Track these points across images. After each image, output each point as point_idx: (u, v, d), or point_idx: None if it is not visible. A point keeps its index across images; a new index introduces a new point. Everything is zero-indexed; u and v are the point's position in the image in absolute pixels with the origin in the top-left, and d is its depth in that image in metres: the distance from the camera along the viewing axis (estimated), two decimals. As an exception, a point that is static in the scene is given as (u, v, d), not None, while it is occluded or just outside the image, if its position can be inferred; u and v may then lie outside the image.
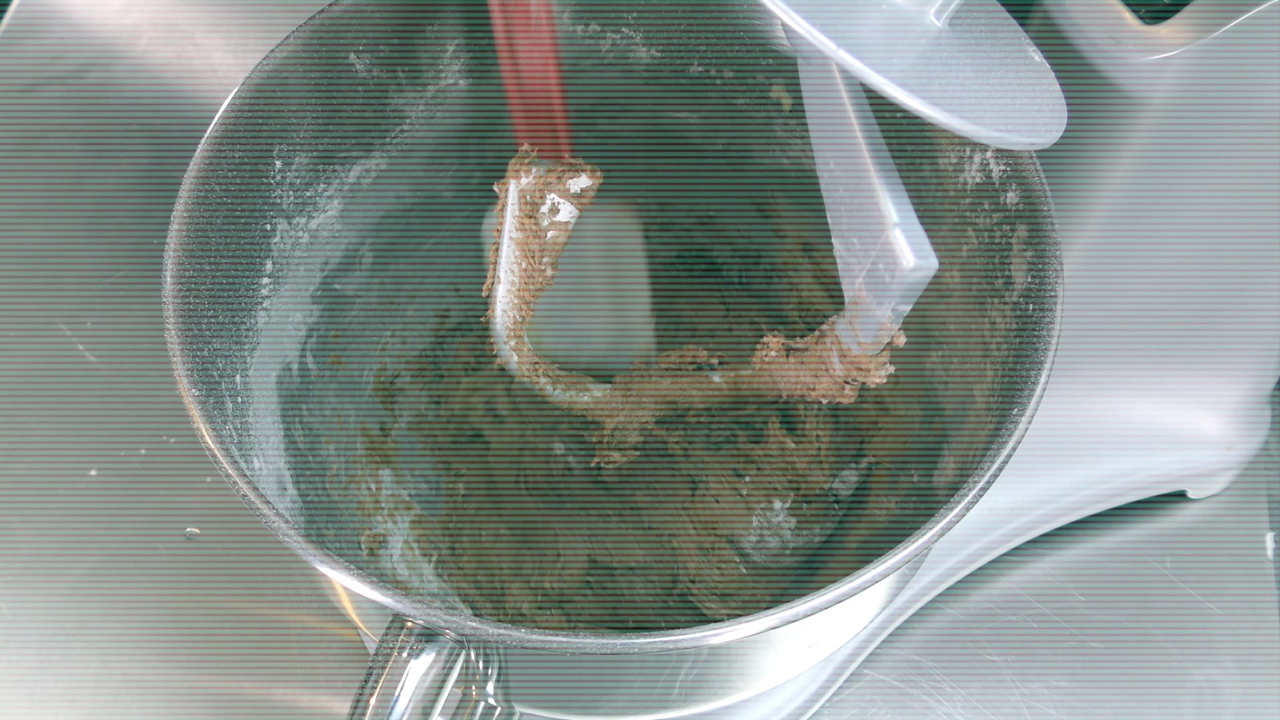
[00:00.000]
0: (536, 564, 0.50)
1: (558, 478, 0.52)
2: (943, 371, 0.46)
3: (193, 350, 0.38)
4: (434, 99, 0.49)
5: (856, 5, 0.33)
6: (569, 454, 0.53)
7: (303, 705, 0.51)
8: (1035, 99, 0.35)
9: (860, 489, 0.51)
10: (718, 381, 0.49)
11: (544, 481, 0.52)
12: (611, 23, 0.49)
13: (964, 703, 0.52)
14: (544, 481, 0.52)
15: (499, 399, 0.53)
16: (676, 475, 0.51)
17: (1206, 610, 0.54)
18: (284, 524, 0.34)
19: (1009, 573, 0.55)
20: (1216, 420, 0.56)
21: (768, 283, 0.55)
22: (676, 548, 0.50)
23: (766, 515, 0.50)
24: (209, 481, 0.57)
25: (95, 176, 0.67)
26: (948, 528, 0.34)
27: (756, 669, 0.38)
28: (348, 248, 0.49)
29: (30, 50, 0.72)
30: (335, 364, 0.50)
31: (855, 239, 0.38)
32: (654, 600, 0.49)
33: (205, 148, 0.41)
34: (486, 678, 0.36)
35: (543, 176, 0.45)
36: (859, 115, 0.37)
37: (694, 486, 0.51)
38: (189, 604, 0.54)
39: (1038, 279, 0.39)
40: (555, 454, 0.53)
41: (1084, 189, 0.45)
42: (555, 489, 0.52)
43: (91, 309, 0.62)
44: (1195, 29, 0.40)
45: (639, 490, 0.51)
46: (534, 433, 0.53)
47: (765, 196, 0.53)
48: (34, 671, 0.52)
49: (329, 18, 0.44)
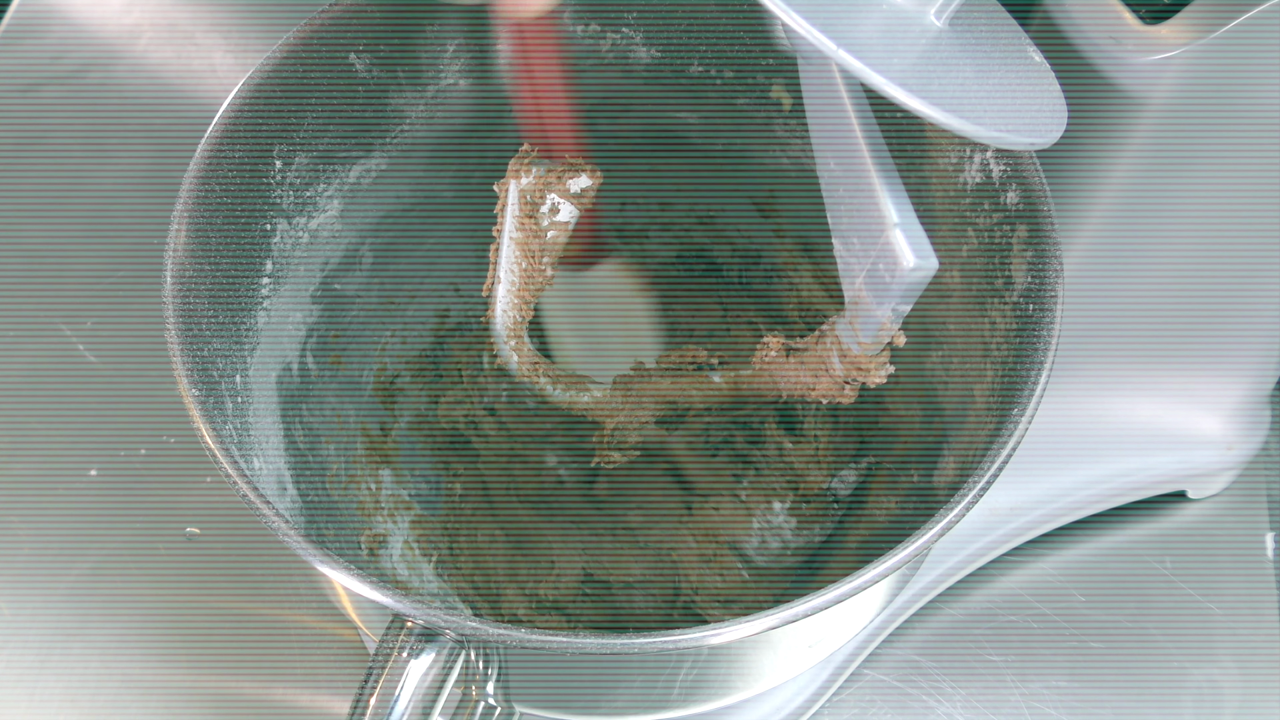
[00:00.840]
0: (531, 572, 0.50)
1: (549, 491, 0.52)
2: (943, 371, 0.46)
3: (193, 350, 0.38)
4: (434, 99, 0.49)
5: (856, 5, 0.33)
6: (560, 466, 0.53)
7: (303, 705, 0.51)
8: (1035, 99, 0.35)
9: (860, 488, 0.51)
10: (718, 381, 0.49)
11: (535, 494, 0.52)
12: (611, 23, 0.49)
13: (964, 703, 0.52)
14: (535, 494, 0.52)
15: (481, 413, 0.53)
16: (670, 494, 0.51)
17: (1206, 610, 0.54)
18: (284, 524, 0.34)
19: (1009, 573, 0.55)
20: (1216, 420, 0.56)
21: (768, 283, 0.55)
22: (676, 561, 0.50)
23: (767, 517, 0.50)
24: (209, 481, 0.57)
25: (95, 176, 0.67)
26: (948, 528, 0.34)
27: (756, 669, 0.38)
28: (348, 248, 0.49)
29: (30, 50, 0.72)
30: (335, 364, 0.50)
31: (855, 239, 0.38)
32: (656, 611, 0.49)
33: (205, 148, 0.41)
34: (486, 678, 0.36)
35: (543, 176, 0.45)
36: (859, 115, 0.37)
37: (690, 503, 0.51)
38: (189, 604, 0.54)
39: (1038, 279, 0.39)
40: (547, 466, 0.53)
41: (1084, 189, 0.45)
42: (547, 502, 0.52)
43: (91, 309, 0.62)
44: (1195, 29, 0.40)
45: (631, 510, 0.51)
46: (523, 445, 0.53)
47: (765, 196, 0.53)
48: (34, 671, 0.52)
49: (329, 18, 0.44)
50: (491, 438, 0.53)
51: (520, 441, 0.53)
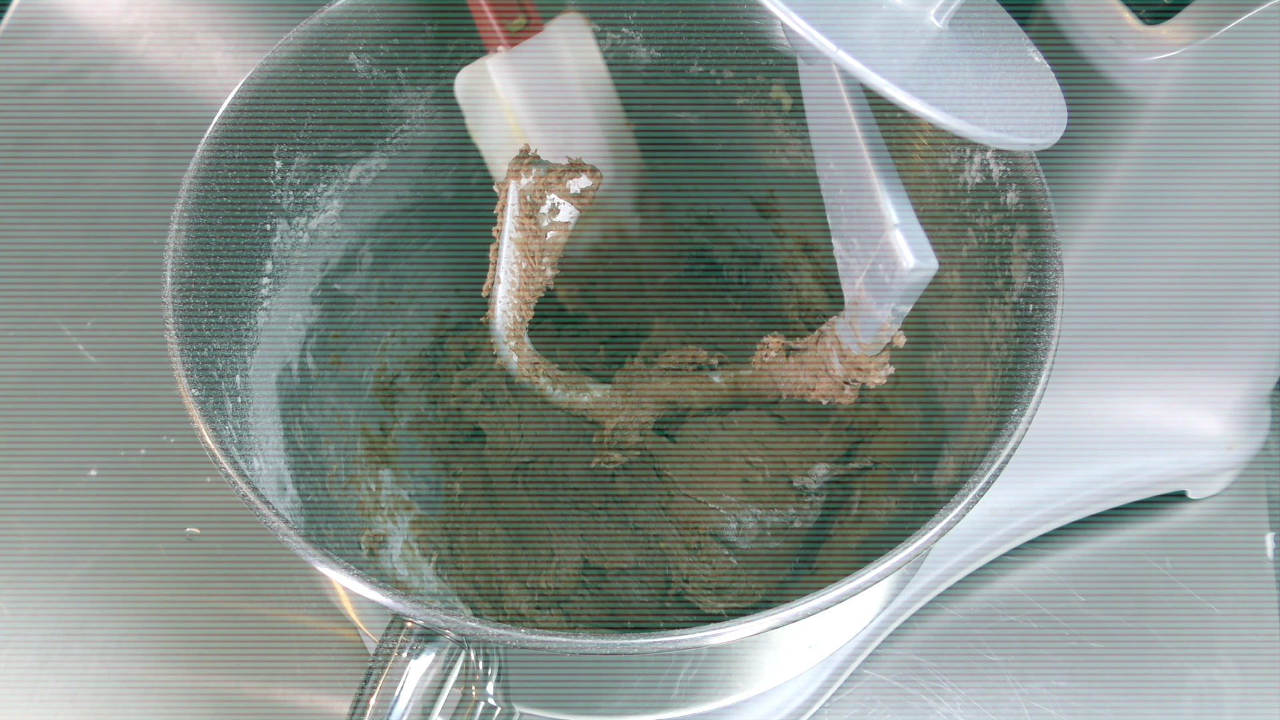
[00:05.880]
0: (531, 564, 0.50)
1: (555, 468, 0.52)
2: (943, 371, 0.46)
3: (192, 350, 0.38)
4: (434, 99, 0.49)
5: (856, 6, 0.33)
6: (568, 448, 0.52)
7: (303, 705, 0.52)
8: (1035, 99, 0.35)
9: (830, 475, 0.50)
10: (718, 381, 0.49)
11: (541, 471, 0.52)
12: (611, 23, 0.49)
13: (964, 703, 0.52)
14: (541, 471, 0.52)
15: (496, 390, 0.53)
16: (655, 484, 0.51)
17: (1206, 610, 0.54)
18: (284, 524, 0.34)
19: (1009, 573, 0.55)
20: (1216, 420, 0.56)
21: (768, 283, 0.55)
22: (665, 549, 0.50)
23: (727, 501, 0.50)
24: (209, 481, 0.57)
25: (95, 176, 0.67)
26: (948, 528, 0.34)
27: (756, 669, 0.38)
28: (348, 248, 0.49)
29: (30, 50, 0.72)
30: (335, 364, 0.50)
31: (855, 239, 0.38)
32: (650, 601, 0.49)
33: (205, 148, 0.41)
34: (486, 678, 0.36)
35: (543, 177, 0.45)
36: (859, 115, 0.37)
37: (669, 491, 0.51)
38: (189, 604, 0.54)
39: (1038, 279, 0.39)
40: (552, 443, 0.52)
41: (1084, 189, 0.45)
42: (551, 478, 0.52)
43: (91, 309, 0.62)
44: (1195, 29, 0.40)
45: (620, 484, 0.51)
46: (530, 418, 0.53)
47: (765, 196, 0.53)
48: (34, 671, 0.52)
49: (329, 18, 0.44)
50: (504, 413, 0.53)
51: (529, 414, 0.53)
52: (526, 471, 0.52)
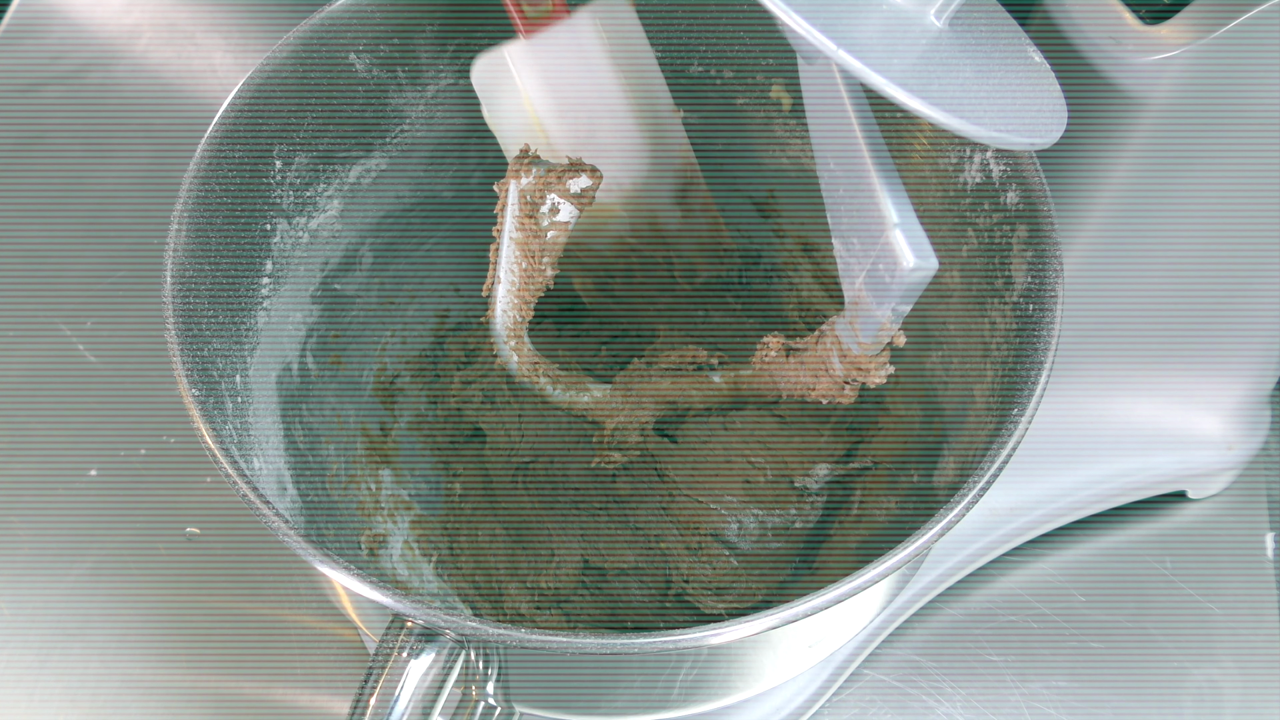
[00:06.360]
0: (532, 564, 0.50)
1: (556, 468, 0.52)
2: (943, 371, 0.46)
3: (192, 350, 0.38)
4: (434, 99, 0.49)
5: (856, 5, 0.33)
6: (568, 449, 0.52)
7: (303, 705, 0.52)
8: (1035, 99, 0.35)
9: (831, 474, 0.50)
10: (718, 381, 0.49)
11: (541, 472, 0.52)
12: (611, 23, 0.49)
13: (964, 703, 0.52)
14: (541, 472, 0.52)
15: (496, 390, 0.53)
16: (656, 485, 0.51)
17: (1206, 610, 0.54)
18: (284, 524, 0.34)
19: (1009, 573, 0.55)
20: (1216, 420, 0.56)
21: (768, 283, 0.55)
22: (665, 550, 0.50)
23: (729, 502, 0.50)
24: (209, 481, 0.57)
25: (95, 176, 0.67)
26: (948, 528, 0.34)
27: (756, 669, 0.38)
28: (348, 248, 0.49)
29: (30, 50, 0.72)
30: (335, 364, 0.50)
31: (855, 239, 0.38)
32: (650, 601, 0.49)
33: (205, 148, 0.41)
34: (486, 678, 0.36)
35: (543, 176, 0.45)
36: (859, 115, 0.37)
37: (671, 492, 0.51)
38: (189, 604, 0.54)
39: (1038, 279, 0.39)
40: (552, 443, 0.52)
41: (1084, 189, 0.45)
42: (551, 478, 0.52)
43: (91, 309, 0.62)
44: (1195, 29, 0.40)
45: (621, 483, 0.51)
46: (531, 418, 0.53)
47: (765, 196, 0.53)
48: (34, 671, 0.52)
49: (329, 18, 0.44)
50: (504, 413, 0.53)
51: (530, 411, 0.53)
52: (527, 471, 0.52)
